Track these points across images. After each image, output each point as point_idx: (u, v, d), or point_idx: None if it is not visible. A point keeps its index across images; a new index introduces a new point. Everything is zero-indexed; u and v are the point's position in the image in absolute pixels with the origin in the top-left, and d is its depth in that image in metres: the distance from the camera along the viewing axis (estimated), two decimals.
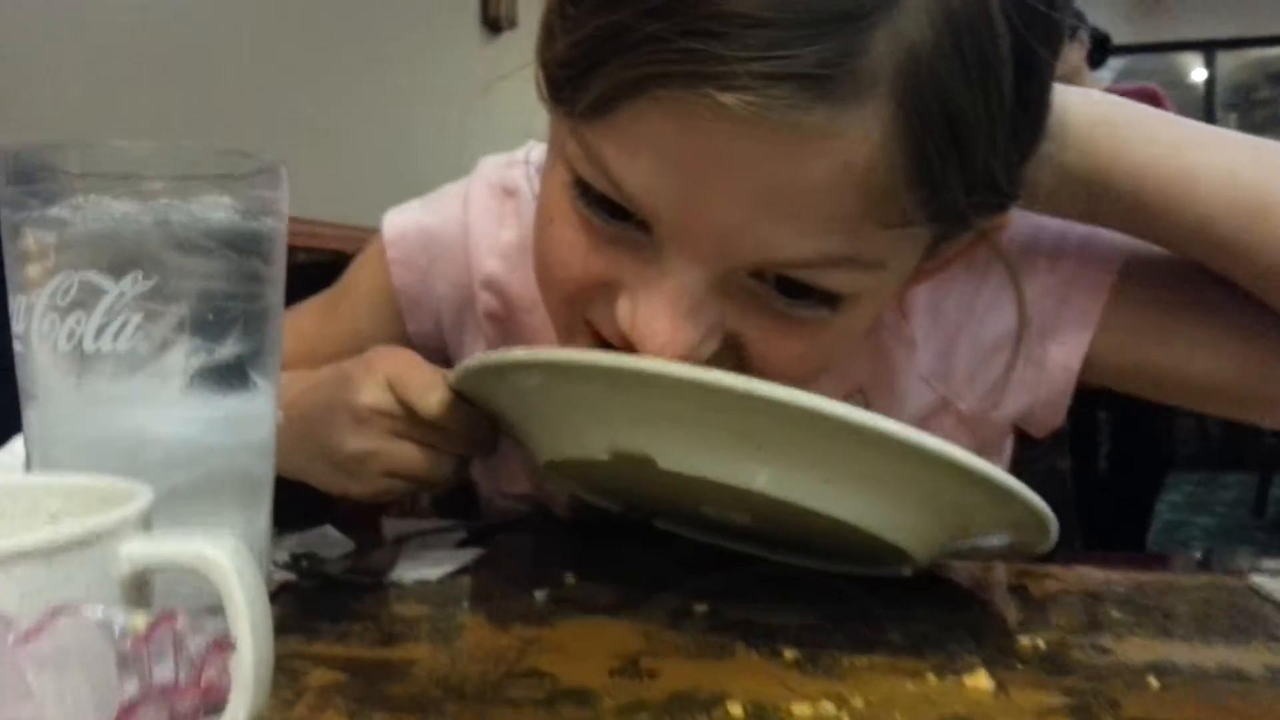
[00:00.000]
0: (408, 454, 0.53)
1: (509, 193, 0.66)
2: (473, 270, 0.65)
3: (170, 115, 1.89)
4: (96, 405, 0.38)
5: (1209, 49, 5.92)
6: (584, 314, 0.49)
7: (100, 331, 0.36)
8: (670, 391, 0.41)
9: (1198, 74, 6.08)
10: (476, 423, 0.53)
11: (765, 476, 0.42)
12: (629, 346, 0.45)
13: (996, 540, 0.47)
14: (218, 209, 0.37)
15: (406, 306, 0.67)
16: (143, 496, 0.32)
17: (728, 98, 0.38)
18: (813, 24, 0.38)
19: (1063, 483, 0.88)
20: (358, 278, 0.70)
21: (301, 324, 0.68)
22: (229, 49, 2.05)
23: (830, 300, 0.45)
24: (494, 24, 3.22)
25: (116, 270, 0.36)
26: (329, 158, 2.33)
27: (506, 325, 0.65)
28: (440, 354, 0.68)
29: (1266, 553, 0.55)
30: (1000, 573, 0.53)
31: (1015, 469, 0.58)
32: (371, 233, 0.70)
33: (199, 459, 0.42)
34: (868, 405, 0.58)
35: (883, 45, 0.38)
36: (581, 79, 0.42)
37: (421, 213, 0.68)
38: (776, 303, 0.45)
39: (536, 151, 0.66)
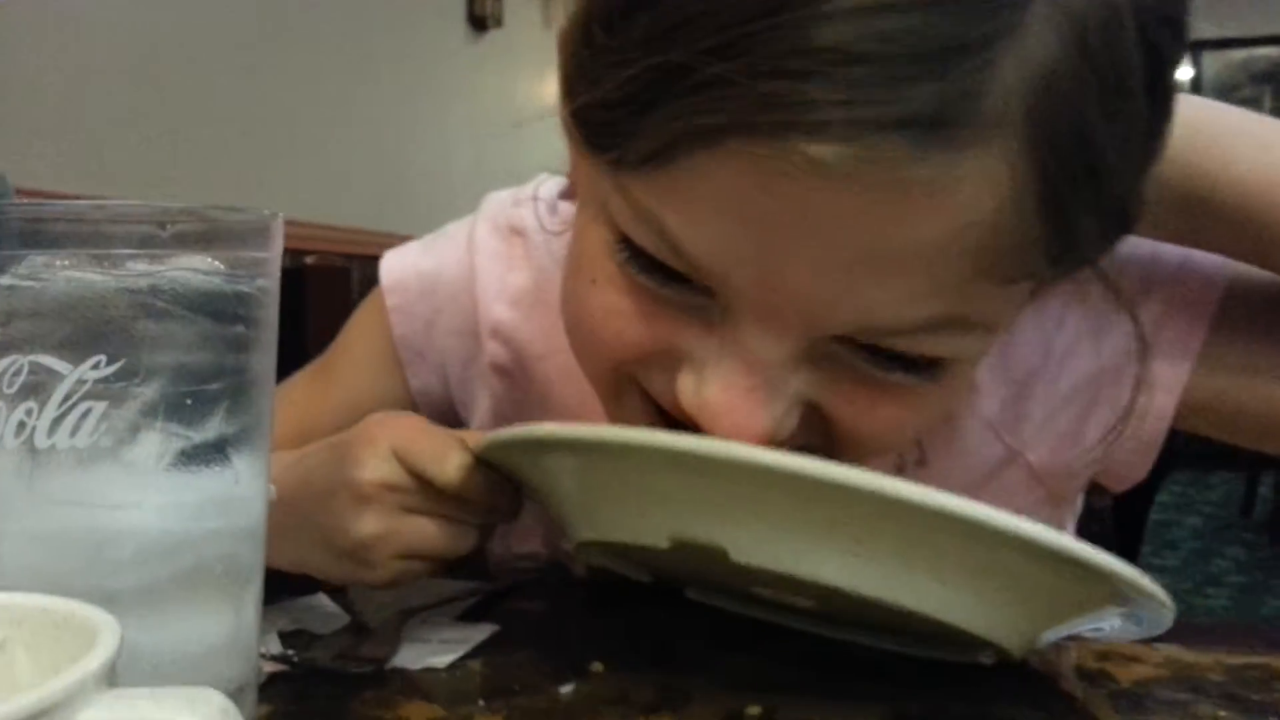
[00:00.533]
0: (424, 530, 0.46)
1: (517, 233, 0.60)
2: (480, 318, 0.59)
3: (156, 118, 1.83)
4: (52, 505, 0.32)
5: (1195, 49, 5.92)
6: (633, 378, 0.43)
7: (55, 425, 0.30)
8: (754, 480, 0.35)
9: (1183, 73, 6.09)
10: (498, 487, 0.47)
11: (859, 574, 0.36)
12: (689, 419, 0.40)
13: (1107, 626, 0.42)
14: (198, 272, 0.31)
15: (408, 359, 0.61)
16: (107, 636, 0.26)
17: (820, 150, 0.32)
18: (925, 58, 0.31)
19: (1103, 519, 0.83)
20: (354, 335, 0.64)
21: (293, 397, 0.62)
22: (212, 42, 1.99)
23: (929, 366, 0.39)
24: (480, 22, 3.16)
25: (75, 350, 0.30)
26: (313, 156, 2.26)
27: (515, 378, 0.59)
28: (448, 412, 0.62)
29: (1254, 553, 0.50)
30: (1073, 654, 0.48)
31: None
32: (356, 233, 0.64)
33: (177, 551, 0.36)
34: (924, 458, 0.53)
35: (1011, 75, 0.32)
36: (629, 124, 0.36)
37: (422, 256, 0.62)
38: (866, 370, 0.39)
39: (545, 187, 0.60)
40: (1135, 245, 0.51)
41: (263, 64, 2.15)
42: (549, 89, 0.42)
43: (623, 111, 0.36)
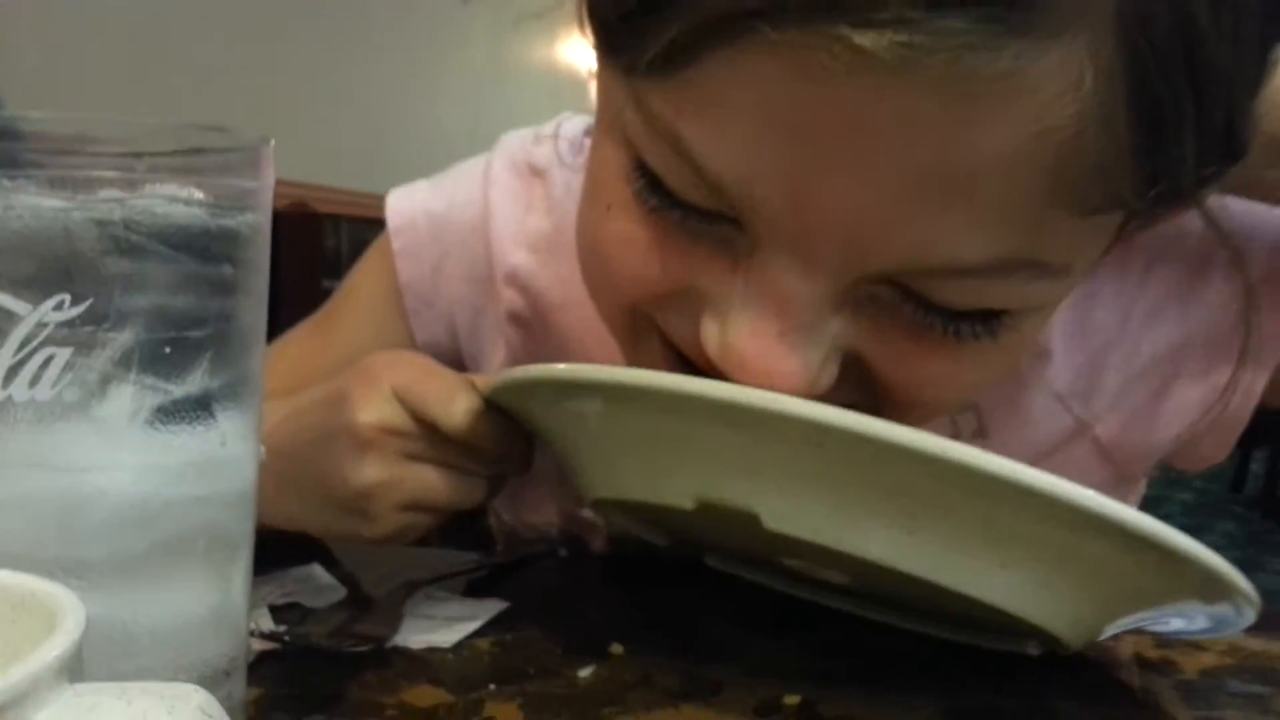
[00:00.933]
0: (427, 480, 0.42)
1: (536, 173, 0.55)
2: (494, 263, 0.55)
3: (144, 71, 1.77)
4: (9, 466, 0.28)
5: None
6: (652, 319, 0.38)
7: (12, 374, 0.26)
8: (797, 438, 0.31)
9: None
10: (511, 434, 0.43)
11: (912, 553, 0.32)
12: (714, 367, 0.36)
13: (1175, 621, 0.38)
14: (178, 203, 0.27)
15: (414, 307, 0.57)
16: (69, 621, 0.22)
17: (869, 38, 0.27)
18: None
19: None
20: (356, 283, 0.59)
21: (289, 354, 0.57)
22: (195, 4, 1.93)
23: (988, 319, 0.34)
24: None
25: (34, 288, 0.26)
26: (299, 114, 2.21)
27: (532, 328, 0.55)
28: (456, 368, 0.58)
29: (1245, 528, 0.46)
30: (1129, 642, 0.45)
31: None
32: (340, 192, 0.60)
33: (154, 519, 0.32)
34: (983, 428, 0.49)
35: None
36: (647, 19, 0.31)
37: (432, 196, 0.57)
38: (915, 319, 0.34)
39: (568, 125, 0.55)
40: (1230, 209, 0.46)
41: (249, 25, 2.09)
42: (541, 49, 0.38)
43: (638, 4, 0.31)
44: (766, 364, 0.34)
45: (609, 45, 0.34)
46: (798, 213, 0.32)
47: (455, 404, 0.42)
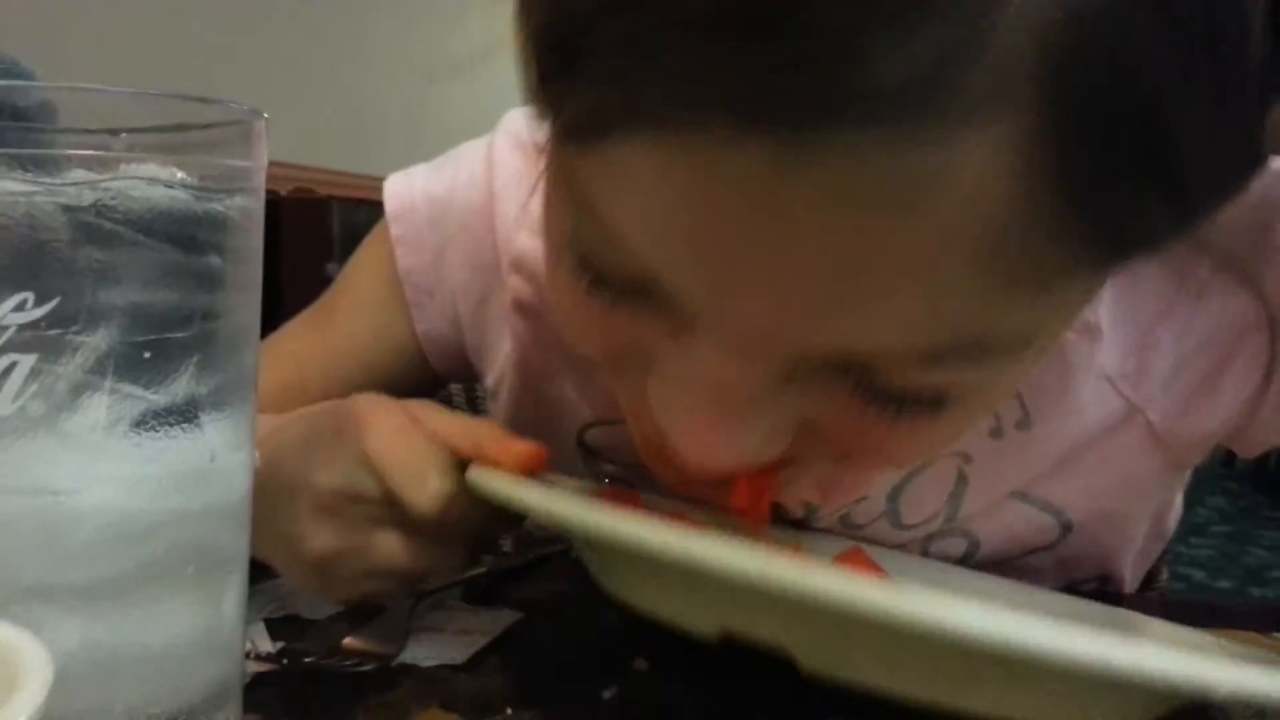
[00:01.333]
0: (393, 549, 0.38)
1: (542, 150, 0.52)
2: (499, 248, 0.51)
3: (132, 55, 1.73)
4: None
5: None
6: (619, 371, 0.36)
7: None
8: (823, 609, 0.28)
9: None
10: (489, 513, 0.38)
11: (961, 699, 0.30)
12: None
13: None
14: (159, 185, 0.24)
15: (415, 298, 0.53)
16: (33, 681, 0.19)
17: (754, 144, 0.24)
18: (896, 6, 0.22)
19: None
20: (354, 272, 0.56)
21: (287, 348, 0.54)
22: None
23: (933, 400, 0.31)
24: None
25: None
26: (295, 93, 2.17)
27: (542, 317, 0.51)
28: (459, 359, 0.55)
29: (1236, 503, 0.44)
30: None
31: None
32: (322, 172, 0.56)
33: (138, 540, 0.29)
34: (1027, 417, 0.45)
35: (1016, 19, 0.23)
36: (555, 86, 0.28)
37: (432, 179, 0.54)
38: (862, 400, 0.31)
39: None
40: None
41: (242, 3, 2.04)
42: None
43: (548, 60, 0.28)
44: (702, 446, 0.32)
45: (537, 85, 0.30)
46: (717, 304, 0.29)
47: (425, 485, 0.37)
